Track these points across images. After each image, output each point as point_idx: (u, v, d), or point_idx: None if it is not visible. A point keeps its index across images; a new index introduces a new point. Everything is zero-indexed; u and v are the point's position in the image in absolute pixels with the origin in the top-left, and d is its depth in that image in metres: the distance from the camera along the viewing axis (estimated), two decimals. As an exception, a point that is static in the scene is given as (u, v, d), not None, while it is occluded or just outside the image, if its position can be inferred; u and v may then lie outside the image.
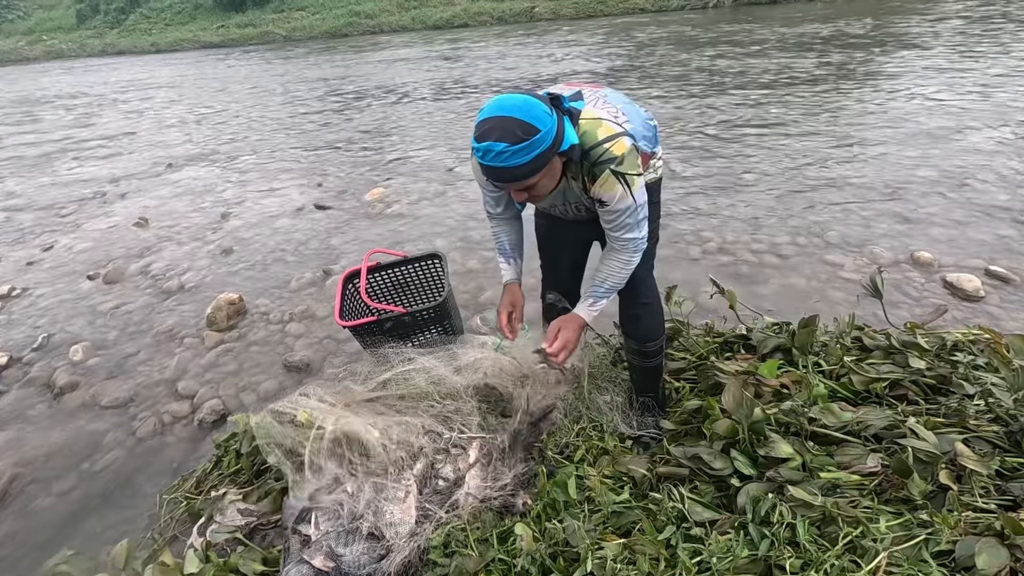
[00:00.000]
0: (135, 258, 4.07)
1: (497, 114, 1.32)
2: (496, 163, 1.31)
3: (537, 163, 1.32)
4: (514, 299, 1.79)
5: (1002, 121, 5.05)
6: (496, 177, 1.37)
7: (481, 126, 1.33)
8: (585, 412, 1.84)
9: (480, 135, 1.32)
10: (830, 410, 1.60)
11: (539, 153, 1.31)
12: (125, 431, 2.43)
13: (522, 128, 1.28)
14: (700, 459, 1.52)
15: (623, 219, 1.51)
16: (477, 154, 1.34)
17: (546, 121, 1.31)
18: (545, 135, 1.30)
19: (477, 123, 1.35)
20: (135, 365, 2.86)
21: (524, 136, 1.28)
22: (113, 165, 6.72)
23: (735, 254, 3.34)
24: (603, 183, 1.43)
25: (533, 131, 1.29)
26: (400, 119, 7.63)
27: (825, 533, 1.34)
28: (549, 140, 1.32)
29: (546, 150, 1.32)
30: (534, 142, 1.29)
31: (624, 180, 1.43)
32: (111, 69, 18.21)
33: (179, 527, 1.89)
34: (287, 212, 4.69)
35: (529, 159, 1.30)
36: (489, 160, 1.31)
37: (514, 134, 1.28)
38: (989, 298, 2.68)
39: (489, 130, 1.30)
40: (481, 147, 1.31)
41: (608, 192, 1.45)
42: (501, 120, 1.30)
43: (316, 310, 3.17)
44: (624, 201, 1.46)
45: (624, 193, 1.45)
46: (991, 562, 1.20)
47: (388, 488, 1.61)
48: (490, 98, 1.40)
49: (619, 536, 1.43)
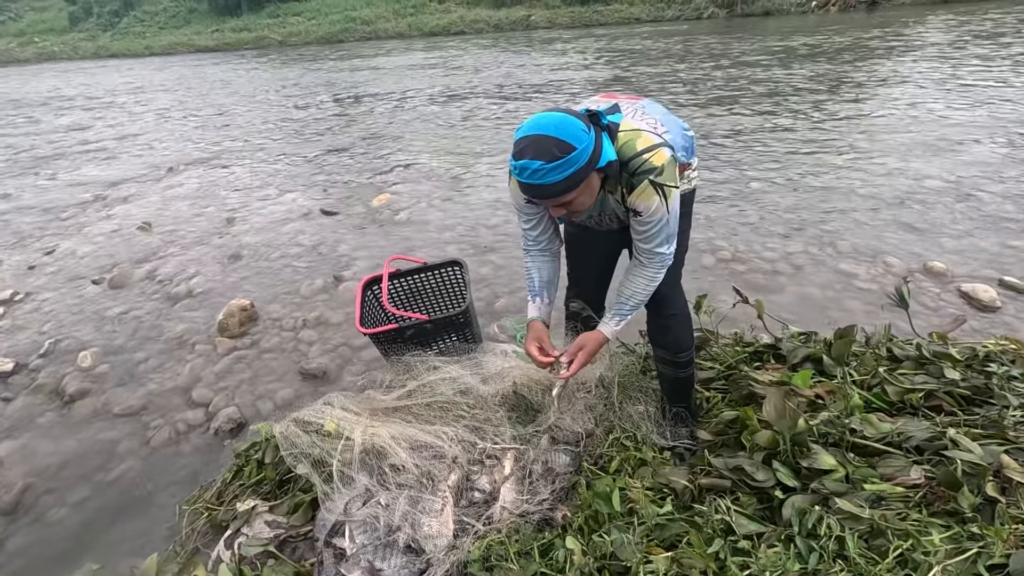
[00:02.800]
0: (140, 263, 4.02)
1: (534, 132, 1.34)
2: (533, 180, 1.34)
3: (573, 180, 1.34)
4: (538, 335, 1.73)
5: (1001, 133, 5.12)
6: (533, 194, 1.39)
7: (518, 144, 1.35)
8: (617, 422, 1.82)
9: (517, 153, 1.35)
10: (869, 421, 1.59)
11: (575, 170, 1.32)
12: (139, 440, 2.38)
13: (558, 146, 1.30)
14: (742, 470, 1.50)
15: (655, 230, 1.51)
16: (515, 171, 1.36)
17: (582, 139, 1.32)
18: (581, 153, 1.32)
19: (515, 141, 1.38)
20: (146, 372, 2.81)
21: (560, 154, 1.30)
22: (112, 168, 6.65)
23: (748, 263, 3.35)
24: (641, 193, 1.43)
25: (569, 149, 1.30)
26: (401, 125, 7.62)
27: (873, 546, 1.33)
28: (585, 157, 1.33)
29: (582, 167, 1.33)
30: (569, 159, 1.30)
31: (662, 191, 1.43)
32: (105, 72, 18.08)
33: (201, 539, 1.84)
34: (293, 217, 4.65)
35: (565, 176, 1.32)
36: (526, 177, 1.34)
37: (550, 152, 1.30)
38: (1005, 308, 2.70)
39: (526, 148, 1.33)
40: (518, 164, 1.34)
41: (645, 202, 1.44)
42: (537, 139, 1.32)
43: (329, 317, 3.14)
44: (659, 212, 1.46)
45: (660, 204, 1.45)
46: (1046, 575, 1.19)
47: (424, 500, 1.58)
48: (527, 117, 1.42)
49: (663, 549, 1.41)
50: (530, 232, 1.69)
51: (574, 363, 1.67)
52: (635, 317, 1.69)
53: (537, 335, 1.72)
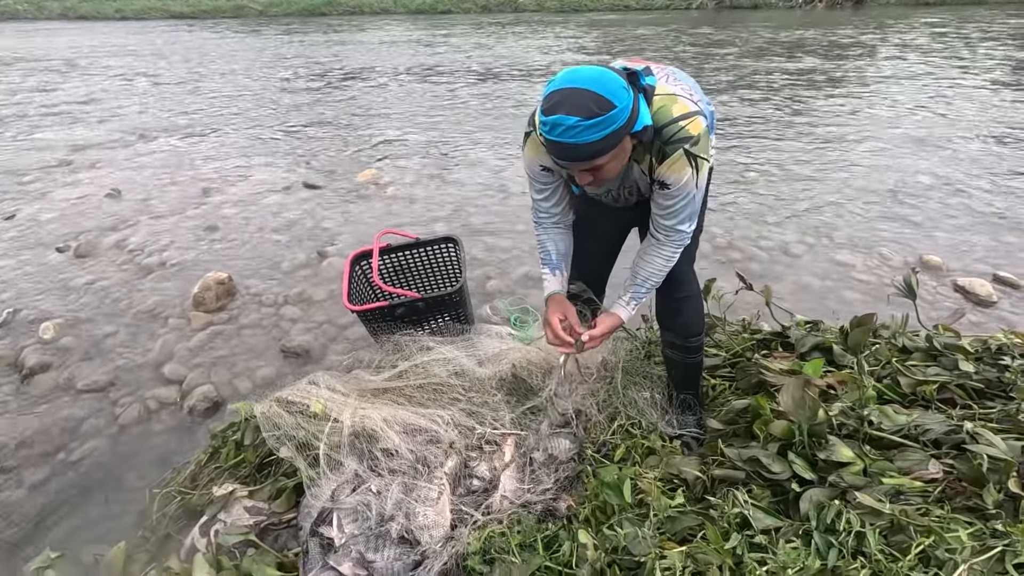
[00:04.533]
0: (109, 231, 3.78)
1: (570, 85, 1.20)
2: (565, 138, 1.20)
3: (610, 141, 1.21)
4: (564, 308, 1.59)
5: (987, 130, 5.17)
6: (564, 155, 1.25)
7: (551, 98, 1.21)
8: (622, 408, 1.74)
9: (549, 108, 1.20)
10: (884, 413, 1.54)
11: (613, 130, 1.20)
12: (106, 418, 2.22)
13: (597, 102, 1.17)
14: (757, 462, 1.43)
15: (681, 204, 1.41)
16: (544, 128, 1.22)
17: (623, 97, 1.20)
18: (621, 111, 1.20)
19: (546, 95, 1.24)
20: (114, 346, 2.63)
21: (599, 111, 1.17)
22: (79, 132, 6.29)
23: (744, 251, 3.30)
24: (673, 163, 1.32)
25: (609, 106, 1.18)
26: (386, 101, 7.38)
27: (893, 542, 1.28)
28: (624, 117, 1.21)
29: (620, 128, 1.21)
30: (609, 118, 1.18)
31: (695, 163, 1.33)
32: (73, 34, 17.20)
33: (173, 525, 1.71)
34: (274, 190, 4.44)
35: (602, 136, 1.19)
36: (558, 135, 1.20)
37: (588, 108, 1.17)
38: (1001, 303, 2.69)
39: (560, 102, 1.19)
40: (549, 120, 1.20)
41: (676, 173, 1.34)
42: (574, 92, 1.19)
43: (313, 293, 2.99)
44: (688, 186, 1.36)
45: (692, 177, 1.35)
46: (1073, 575, 1.15)
47: (419, 487, 1.48)
48: (553, 69, 1.28)
49: (675, 543, 1.33)
50: (543, 203, 1.58)
51: (587, 345, 1.57)
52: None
53: (563, 308, 1.59)
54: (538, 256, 1.68)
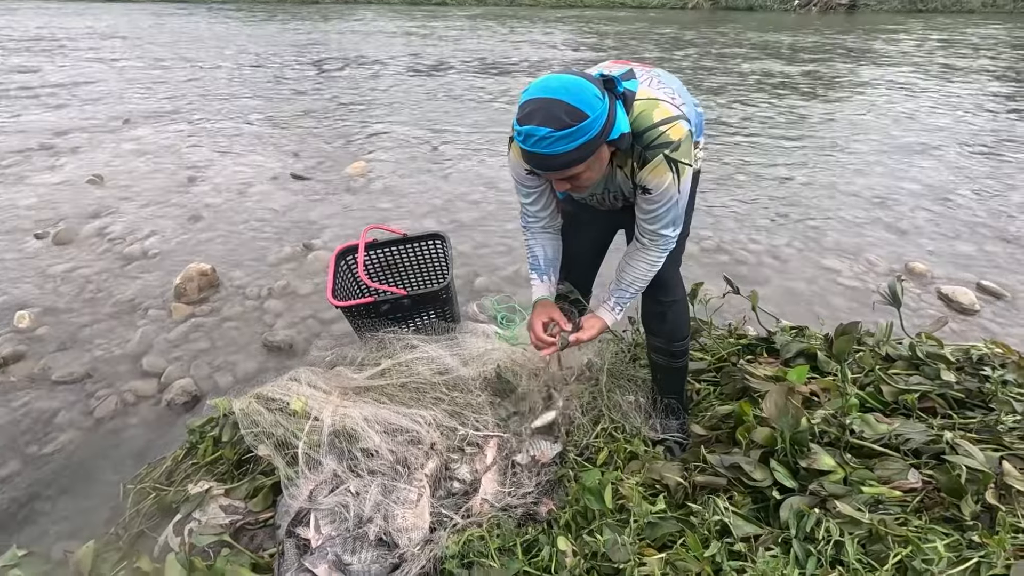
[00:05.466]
0: (90, 218, 3.71)
1: (542, 95, 1.19)
2: (538, 149, 1.19)
3: (583, 152, 1.20)
4: (551, 312, 1.59)
5: (974, 140, 5.22)
6: (537, 164, 1.25)
7: (524, 107, 1.20)
8: (606, 412, 1.73)
9: (523, 117, 1.20)
10: (866, 422, 1.54)
11: (586, 141, 1.19)
12: (81, 410, 2.18)
13: (568, 113, 1.16)
14: (739, 469, 1.43)
15: (663, 210, 1.40)
16: (518, 138, 1.22)
17: (596, 106, 1.18)
18: (593, 121, 1.18)
19: (520, 104, 1.23)
20: (91, 336, 2.58)
21: (570, 121, 1.16)
22: (62, 116, 6.16)
23: (733, 254, 3.30)
24: (653, 168, 1.31)
25: (581, 116, 1.17)
26: (378, 93, 7.30)
27: (871, 552, 1.28)
28: (598, 127, 1.19)
29: (594, 138, 1.20)
30: (581, 128, 1.17)
31: (676, 168, 1.31)
32: (57, 14, 16.85)
33: (147, 522, 1.68)
34: (261, 180, 4.38)
35: (574, 147, 1.18)
36: (531, 145, 1.20)
37: (559, 119, 1.16)
38: (983, 312, 2.72)
39: (532, 112, 1.18)
40: (523, 131, 1.19)
41: (657, 179, 1.33)
42: (546, 102, 1.18)
43: (298, 287, 2.94)
44: (670, 191, 1.35)
45: (673, 182, 1.33)
46: (1047, 588, 1.16)
47: (398, 489, 1.46)
48: (536, 77, 1.26)
49: (655, 549, 1.33)
50: (530, 207, 1.55)
51: (571, 342, 1.55)
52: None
53: (548, 311, 1.58)
54: (526, 260, 1.67)
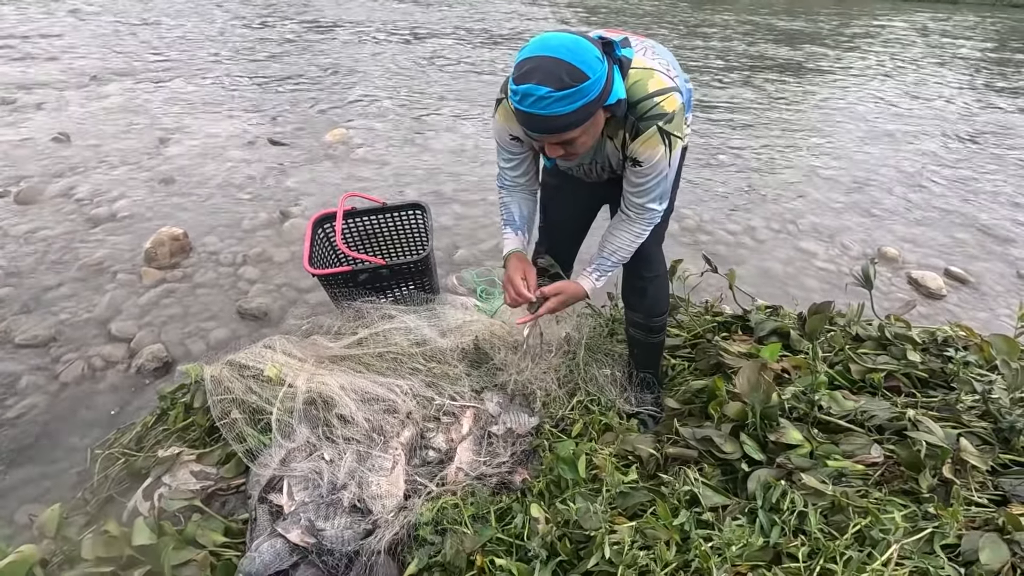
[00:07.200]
0: (55, 178, 3.56)
1: (542, 53, 1.14)
2: (535, 109, 1.15)
3: (581, 114, 1.17)
4: (525, 266, 1.56)
5: (951, 129, 5.31)
6: (533, 126, 1.20)
7: (522, 66, 1.15)
8: (582, 384, 1.74)
9: (520, 76, 1.15)
10: (834, 398, 1.58)
11: (585, 103, 1.15)
12: (46, 375, 2.12)
13: (569, 72, 1.12)
14: (710, 441, 1.46)
15: (652, 183, 1.39)
16: (514, 98, 1.17)
17: (596, 68, 1.15)
18: (594, 83, 1.14)
19: (517, 62, 1.18)
20: (57, 300, 2.50)
21: (571, 82, 1.12)
22: (25, 69, 5.85)
23: (712, 234, 3.33)
24: (646, 140, 1.29)
25: (581, 77, 1.12)
26: (362, 59, 7.09)
27: (832, 522, 1.32)
28: (597, 90, 1.16)
29: (592, 100, 1.16)
30: (581, 90, 1.13)
31: (668, 141, 1.30)
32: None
33: (116, 487, 1.65)
34: (237, 144, 4.25)
35: (573, 108, 1.14)
36: (528, 106, 1.15)
37: (559, 78, 1.12)
38: (949, 297, 2.80)
39: (531, 71, 1.13)
40: (520, 90, 1.14)
41: (649, 151, 1.31)
42: (546, 60, 1.13)
43: (273, 254, 2.89)
44: (661, 164, 1.34)
45: (664, 155, 1.32)
46: (993, 558, 1.21)
47: (373, 457, 1.46)
48: (534, 35, 1.22)
49: (626, 518, 1.36)
50: (509, 172, 1.53)
51: (545, 305, 1.53)
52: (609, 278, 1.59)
53: (523, 266, 1.55)
54: (500, 217, 1.63)
